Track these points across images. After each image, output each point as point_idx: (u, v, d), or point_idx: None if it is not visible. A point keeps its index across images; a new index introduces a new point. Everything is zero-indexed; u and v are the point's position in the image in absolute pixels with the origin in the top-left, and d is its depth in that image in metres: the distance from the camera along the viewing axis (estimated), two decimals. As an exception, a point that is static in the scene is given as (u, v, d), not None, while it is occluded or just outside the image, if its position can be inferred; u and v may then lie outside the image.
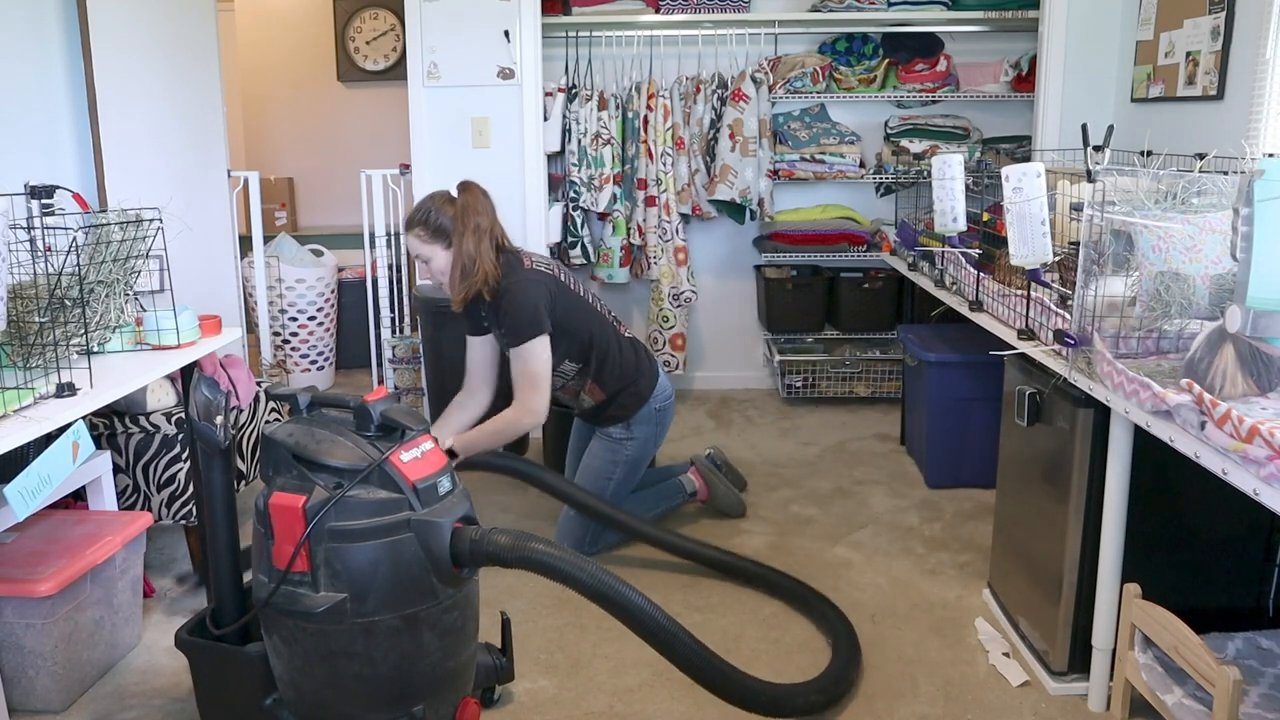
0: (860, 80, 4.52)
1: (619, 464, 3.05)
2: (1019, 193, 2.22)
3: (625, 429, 3.03)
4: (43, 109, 3.15)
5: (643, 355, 3.08)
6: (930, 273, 3.43)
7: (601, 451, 3.07)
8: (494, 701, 2.28)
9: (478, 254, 2.73)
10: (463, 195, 2.79)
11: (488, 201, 2.81)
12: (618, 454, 3.05)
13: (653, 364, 3.10)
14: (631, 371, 3.01)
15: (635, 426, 3.03)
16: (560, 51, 4.55)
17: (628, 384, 3.00)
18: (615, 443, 3.05)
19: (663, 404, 3.08)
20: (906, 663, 2.45)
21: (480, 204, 2.78)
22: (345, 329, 5.34)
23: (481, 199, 2.80)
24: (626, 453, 3.05)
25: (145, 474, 2.86)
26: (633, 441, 3.04)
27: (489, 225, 2.77)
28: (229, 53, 5.17)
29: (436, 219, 2.77)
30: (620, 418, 3.02)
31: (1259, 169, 1.65)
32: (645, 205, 4.49)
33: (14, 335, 2.08)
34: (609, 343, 2.96)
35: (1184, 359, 1.84)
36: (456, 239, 2.75)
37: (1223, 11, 2.98)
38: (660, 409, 3.07)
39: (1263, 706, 1.92)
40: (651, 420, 3.06)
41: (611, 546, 3.11)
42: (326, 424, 1.93)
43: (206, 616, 2.09)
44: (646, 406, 3.03)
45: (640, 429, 3.04)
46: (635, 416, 3.02)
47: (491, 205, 2.82)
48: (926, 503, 3.46)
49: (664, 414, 3.10)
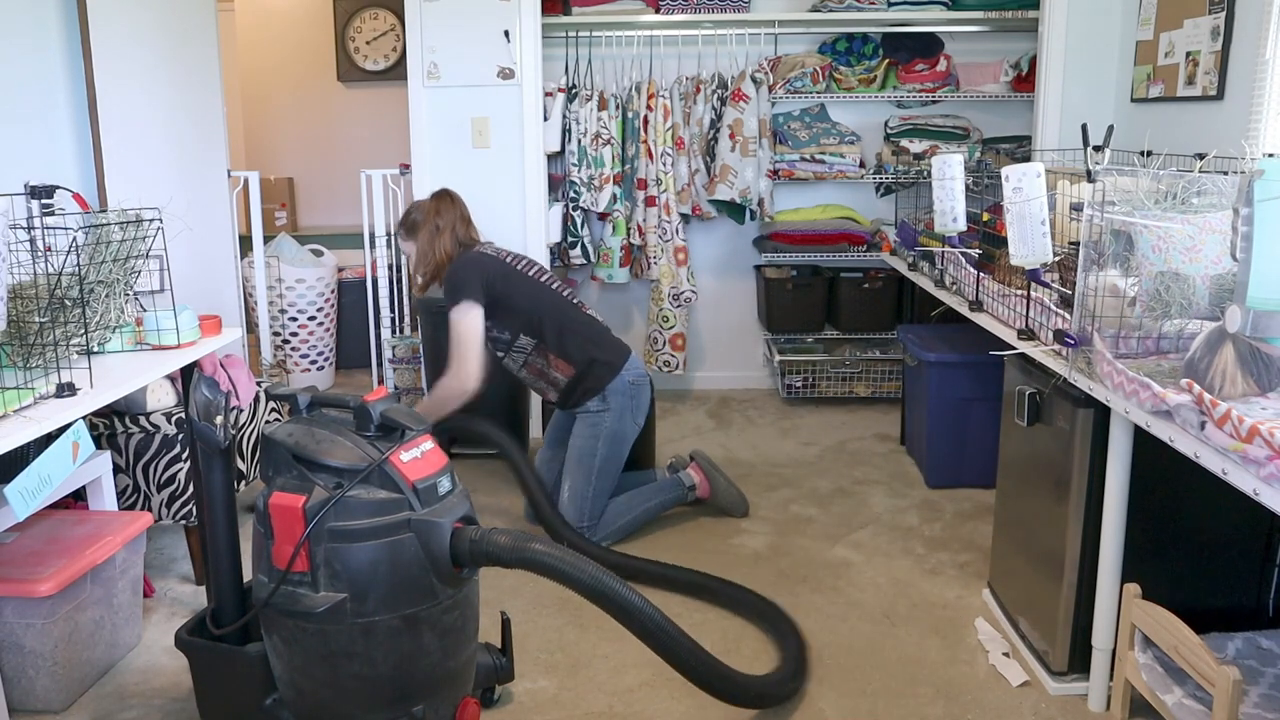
0: (860, 80, 4.53)
1: (599, 437, 3.14)
2: (1019, 193, 2.22)
3: (601, 400, 3.14)
4: (43, 109, 3.15)
5: (609, 334, 3.26)
6: (930, 273, 3.43)
7: (582, 430, 3.17)
8: (494, 701, 2.28)
9: (433, 246, 3.22)
10: (431, 200, 3.30)
11: (452, 205, 3.27)
12: (597, 427, 3.14)
13: (623, 345, 3.26)
14: (597, 339, 3.18)
15: (610, 398, 3.14)
16: (560, 51, 4.55)
17: (594, 354, 3.13)
18: (593, 416, 3.15)
19: (636, 378, 3.20)
20: (906, 663, 2.45)
21: (443, 207, 3.26)
22: (345, 329, 5.34)
23: (445, 203, 3.27)
24: (605, 425, 3.14)
25: (145, 474, 2.86)
26: (609, 413, 3.14)
27: (449, 223, 3.23)
28: (229, 53, 5.17)
29: (410, 219, 3.29)
30: (595, 389, 3.14)
31: (1259, 169, 1.65)
32: (645, 205, 4.49)
33: (14, 335, 2.08)
34: (564, 316, 3.16)
35: (1184, 359, 1.84)
36: (422, 233, 3.25)
37: (1223, 11, 2.98)
38: (634, 382, 3.19)
39: (1263, 706, 1.92)
40: (626, 392, 3.16)
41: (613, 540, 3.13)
42: (326, 424, 1.93)
43: (206, 616, 2.09)
44: (619, 378, 3.15)
45: (615, 399, 3.14)
46: (609, 387, 3.14)
47: (456, 209, 3.28)
48: (926, 503, 3.46)
49: (639, 389, 3.20)
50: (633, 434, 3.23)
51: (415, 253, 3.25)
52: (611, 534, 3.14)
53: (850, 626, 2.62)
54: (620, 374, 3.15)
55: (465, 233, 3.26)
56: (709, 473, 3.34)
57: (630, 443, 3.23)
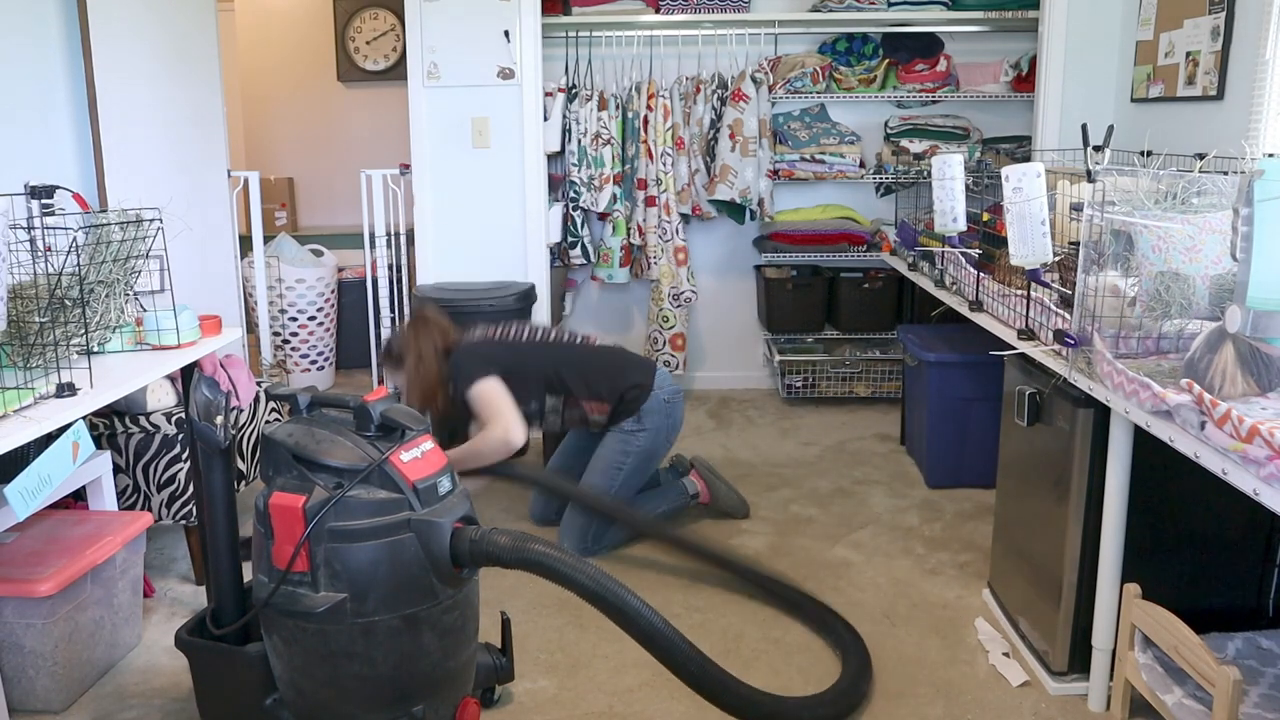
0: (860, 80, 4.52)
1: (630, 454, 3.11)
2: (1019, 193, 2.22)
3: (636, 420, 3.10)
4: (43, 109, 3.15)
5: (632, 357, 3.21)
6: (930, 273, 3.43)
7: (613, 443, 3.13)
8: (494, 701, 2.28)
9: (419, 373, 3.05)
10: (408, 329, 3.16)
11: (428, 327, 3.11)
12: (629, 444, 3.11)
13: (647, 360, 3.22)
14: (620, 367, 3.13)
15: (646, 418, 3.10)
16: (560, 51, 4.55)
17: (623, 382, 3.08)
18: (627, 434, 3.11)
19: (670, 395, 3.15)
20: (906, 663, 2.45)
21: (420, 333, 3.10)
22: (345, 329, 5.33)
23: (421, 328, 3.12)
24: (638, 444, 3.10)
25: (145, 474, 2.86)
26: (644, 433, 3.10)
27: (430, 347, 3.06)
28: (229, 53, 5.17)
29: (393, 353, 3.14)
30: (630, 411, 3.10)
31: (1259, 169, 1.65)
32: (645, 205, 4.49)
33: (14, 335, 2.08)
34: (580, 362, 3.11)
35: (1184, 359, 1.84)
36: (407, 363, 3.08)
37: (1223, 11, 2.98)
38: (669, 400, 3.14)
39: (1263, 706, 1.92)
40: (661, 411, 3.12)
41: (615, 546, 3.11)
42: (326, 424, 1.93)
43: (206, 616, 2.09)
44: (653, 397, 3.10)
45: (651, 419, 3.10)
46: (645, 407, 3.09)
47: (432, 330, 3.10)
48: (926, 503, 3.46)
49: (674, 406, 3.17)
50: (663, 453, 3.21)
51: (405, 383, 3.15)
52: (615, 544, 3.12)
53: (850, 626, 2.62)
54: (654, 393, 3.10)
55: (449, 342, 3.15)
56: (709, 479, 3.34)
57: (659, 461, 3.23)
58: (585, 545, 3.05)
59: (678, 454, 3.50)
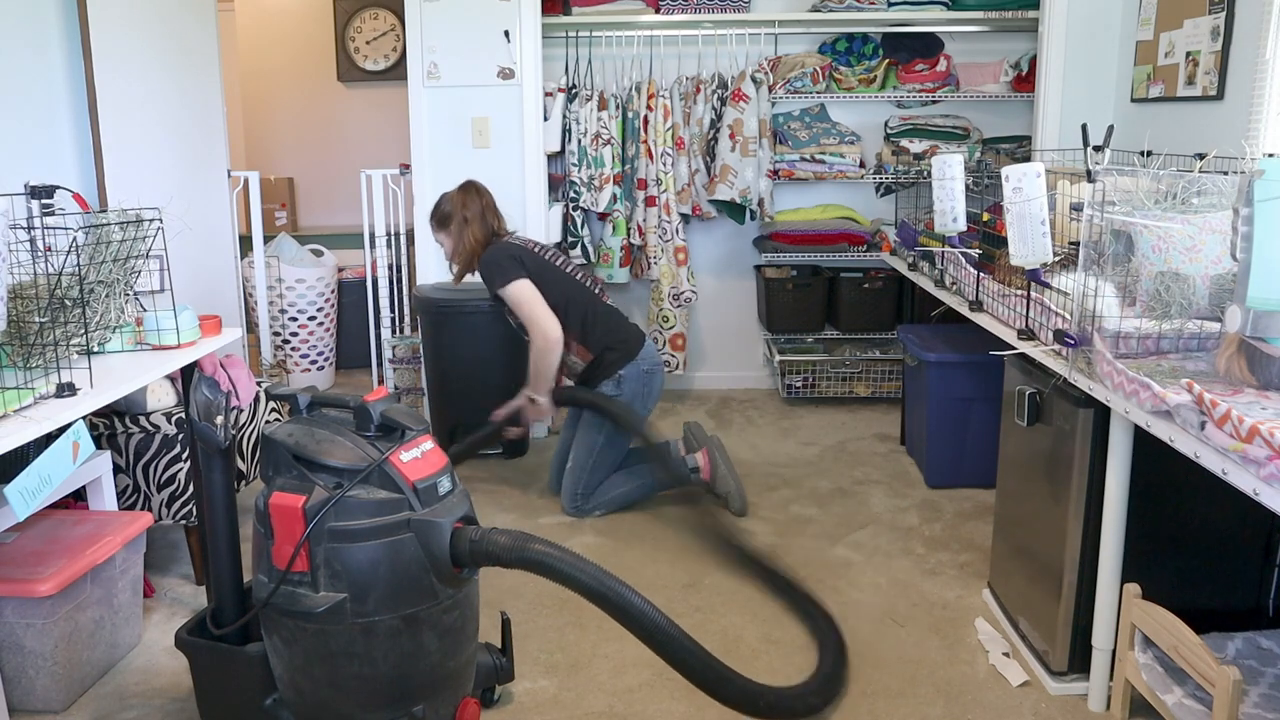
0: (860, 80, 4.53)
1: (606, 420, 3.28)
2: (1019, 193, 2.22)
3: (615, 385, 3.27)
4: (43, 109, 3.15)
5: (628, 323, 3.39)
6: (930, 273, 3.43)
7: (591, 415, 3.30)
8: (494, 701, 2.28)
9: (463, 236, 3.34)
10: (458, 191, 3.42)
11: (477, 196, 3.38)
12: None
13: (640, 333, 3.40)
14: (617, 330, 3.31)
15: (624, 383, 3.27)
16: (560, 51, 4.55)
17: (613, 343, 3.26)
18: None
19: (650, 367, 3.32)
20: (906, 663, 2.45)
21: (469, 198, 3.37)
22: (345, 329, 5.34)
23: (471, 194, 3.38)
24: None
25: (145, 474, 2.86)
26: (620, 397, 3.26)
27: (476, 213, 3.35)
28: (229, 53, 5.17)
29: (441, 210, 3.40)
30: (609, 374, 3.26)
31: (1259, 169, 1.65)
32: (645, 205, 4.49)
33: (14, 335, 2.08)
34: (589, 306, 3.30)
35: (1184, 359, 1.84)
36: (452, 224, 3.37)
37: (1223, 11, 2.98)
38: (648, 371, 3.31)
39: (1263, 706, 1.92)
40: (640, 380, 3.29)
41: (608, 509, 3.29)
42: (326, 424, 1.93)
43: (206, 616, 2.09)
44: (634, 365, 3.27)
45: (629, 385, 3.28)
46: (623, 372, 3.26)
47: (482, 200, 3.38)
48: (926, 503, 3.46)
49: (652, 377, 3.33)
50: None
51: (448, 243, 3.39)
52: (604, 504, 3.30)
53: (850, 627, 2.61)
54: (635, 362, 3.27)
55: (494, 222, 3.38)
56: (714, 458, 3.40)
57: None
58: (576, 504, 3.26)
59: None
